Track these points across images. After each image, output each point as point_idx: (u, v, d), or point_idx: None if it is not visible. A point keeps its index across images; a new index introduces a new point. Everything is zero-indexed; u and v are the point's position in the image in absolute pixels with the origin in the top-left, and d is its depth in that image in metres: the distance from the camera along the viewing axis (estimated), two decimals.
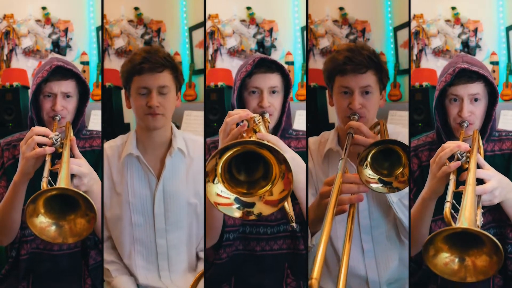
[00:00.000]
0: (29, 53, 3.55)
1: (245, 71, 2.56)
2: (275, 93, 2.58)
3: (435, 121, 2.51)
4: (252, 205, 2.09)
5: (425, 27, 3.50)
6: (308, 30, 3.23)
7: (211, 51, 3.53)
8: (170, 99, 2.64)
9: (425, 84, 3.29)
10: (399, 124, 3.03)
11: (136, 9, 3.41)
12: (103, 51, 3.29)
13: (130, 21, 3.41)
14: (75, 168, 2.37)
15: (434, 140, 2.56)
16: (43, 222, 2.25)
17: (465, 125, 2.43)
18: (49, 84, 2.57)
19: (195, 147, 2.75)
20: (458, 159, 2.23)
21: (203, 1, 2.78)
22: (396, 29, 3.29)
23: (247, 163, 2.10)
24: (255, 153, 2.05)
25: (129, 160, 2.72)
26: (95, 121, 3.00)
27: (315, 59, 3.31)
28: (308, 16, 3.02)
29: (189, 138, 2.77)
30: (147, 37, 3.44)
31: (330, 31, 3.38)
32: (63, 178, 2.25)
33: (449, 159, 2.26)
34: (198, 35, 3.40)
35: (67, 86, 2.59)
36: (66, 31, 3.47)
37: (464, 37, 3.55)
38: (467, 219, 1.90)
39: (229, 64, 3.51)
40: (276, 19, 3.53)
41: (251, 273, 2.63)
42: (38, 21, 3.51)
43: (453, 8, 3.52)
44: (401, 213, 2.51)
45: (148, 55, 2.61)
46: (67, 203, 2.25)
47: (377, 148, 2.30)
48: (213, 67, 3.52)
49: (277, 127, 2.60)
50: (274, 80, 2.58)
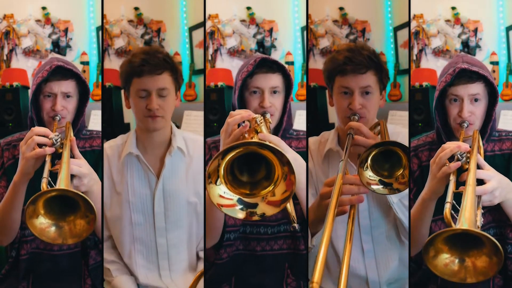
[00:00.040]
0: (29, 53, 3.54)
1: (247, 71, 2.56)
2: (276, 93, 2.58)
3: (435, 121, 2.50)
4: (255, 206, 2.08)
5: (425, 27, 3.49)
6: (308, 30, 3.23)
7: (211, 51, 3.53)
8: (169, 101, 2.63)
9: (425, 84, 3.29)
10: (399, 124, 3.03)
11: (136, 9, 3.40)
12: (103, 51, 3.28)
13: (130, 21, 3.41)
14: (75, 168, 2.37)
15: (434, 140, 2.56)
16: (43, 223, 2.25)
17: (465, 125, 2.43)
18: (49, 84, 2.57)
19: (194, 146, 2.74)
20: (458, 160, 2.23)
21: (203, 1, 2.78)
22: (396, 29, 3.29)
23: (249, 163, 2.10)
24: (258, 154, 2.05)
25: (129, 159, 2.72)
26: (95, 121, 2.99)
27: (315, 59, 3.31)
28: (308, 16, 3.01)
29: (189, 137, 2.76)
30: (147, 37, 3.44)
31: (330, 31, 3.38)
32: (63, 179, 2.24)
33: (449, 159, 2.26)
34: (198, 35, 3.40)
35: (67, 86, 2.59)
36: (66, 31, 3.46)
37: (464, 37, 3.55)
38: (467, 220, 1.90)
39: (229, 64, 3.50)
40: (276, 19, 3.52)
41: (252, 273, 2.63)
42: (38, 21, 3.50)
43: (453, 8, 3.52)
44: (401, 214, 2.51)
45: (147, 56, 2.60)
46: (67, 204, 2.25)
47: (378, 149, 2.30)
48: (213, 67, 3.52)
49: (278, 127, 2.60)
50: (275, 80, 2.58)
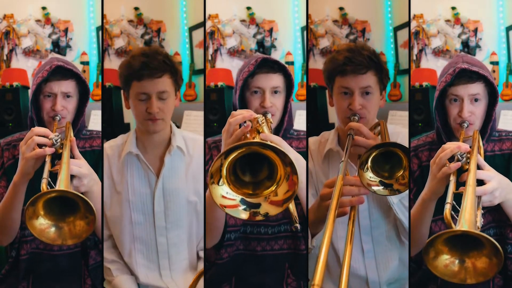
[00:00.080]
0: (29, 53, 3.54)
1: (248, 71, 2.56)
2: (277, 93, 2.58)
3: (435, 121, 2.50)
4: (258, 206, 2.08)
5: (425, 27, 3.50)
6: (308, 30, 3.23)
7: (211, 51, 3.53)
8: (170, 103, 2.63)
9: (425, 84, 3.29)
10: (399, 124, 3.03)
11: (136, 9, 3.40)
12: (103, 51, 3.29)
13: (130, 21, 3.41)
14: (75, 169, 2.37)
15: (434, 140, 2.56)
16: (42, 223, 2.24)
17: (465, 125, 2.42)
18: (49, 84, 2.57)
19: (194, 146, 2.74)
20: (458, 160, 2.23)
21: (203, 1, 2.78)
22: (396, 29, 3.29)
23: (251, 163, 2.09)
24: (260, 154, 2.05)
25: (129, 158, 2.72)
26: (95, 121, 3.00)
27: (315, 59, 3.31)
28: (308, 16, 3.01)
29: (189, 137, 2.76)
30: (147, 37, 3.44)
31: (330, 31, 3.38)
32: (63, 179, 2.24)
33: (449, 160, 2.26)
34: (198, 35, 3.40)
35: (67, 86, 2.58)
36: (66, 31, 3.46)
37: (464, 37, 3.55)
38: (467, 221, 1.90)
39: (229, 64, 3.50)
40: (276, 19, 3.52)
41: (252, 273, 2.62)
42: (38, 21, 3.50)
43: (453, 8, 3.52)
44: (402, 214, 2.51)
45: (146, 59, 2.58)
46: (67, 204, 2.24)
47: (378, 150, 2.30)
48: (213, 67, 3.52)
49: (279, 127, 2.59)
50: (276, 80, 2.57)
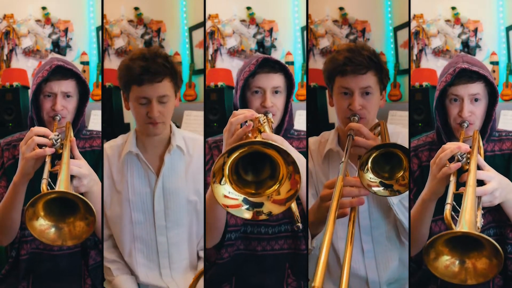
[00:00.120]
0: (29, 53, 3.54)
1: (248, 71, 2.55)
2: (278, 93, 2.57)
3: (436, 121, 2.50)
4: (260, 205, 2.08)
5: (425, 27, 3.50)
6: (308, 30, 3.23)
7: (211, 51, 3.53)
8: (170, 106, 2.63)
9: (425, 84, 3.29)
10: (399, 124, 3.02)
11: (136, 9, 3.40)
12: (103, 51, 3.29)
13: (130, 21, 3.41)
14: (75, 169, 2.37)
15: (434, 140, 2.56)
16: (42, 224, 2.24)
17: (465, 125, 2.42)
18: (49, 84, 2.57)
19: (194, 145, 2.74)
20: (458, 160, 2.23)
21: (203, 1, 2.78)
22: (396, 29, 3.29)
23: (253, 163, 2.09)
24: (262, 153, 2.05)
25: (129, 158, 2.72)
26: (95, 121, 3.00)
27: (315, 59, 3.30)
28: (308, 16, 3.01)
29: (188, 136, 2.76)
30: (147, 37, 3.44)
31: (330, 31, 3.38)
32: (63, 180, 2.24)
33: (450, 160, 2.26)
34: (198, 35, 3.40)
35: (67, 85, 2.58)
36: (66, 31, 3.46)
37: (464, 37, 3.55)
38: (467, 222, 1.90)
39: (229, 64, 3.50)
40: (276, 19, 3.52)
41: (252, 273, 2.62)
42: (38, 21, 3.50)
43: (453, 8, 3.52)
44: (402, 215, 2.51)
45: (146, 63, 2.56)
46: (67, 205, 2.24)
47: (378, 151, 2.30)
48: (213, 67, 3.52)
49: (279, 127, 2.59)
50: (277, 80, 2.57)
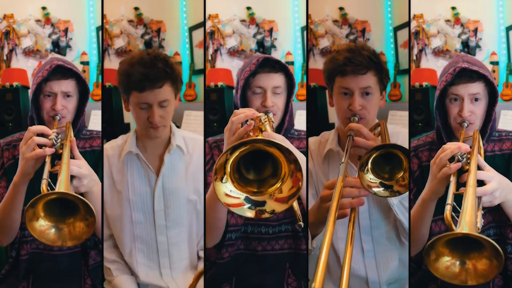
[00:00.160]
0: (29, 53, 3.54)
1: (249, 71, 2.55)
2: (278, 93, 2.58)
3: (436, 121, 2.50)
4: (263, 204, 2.07)
5: (425, 27, 3.50)
6: (308, 30, 3.23)
7: (211, 51, 3.53)
8: (170, 109, 2.62)
9: (425, 84, 3.29)
10: (399, 124, 3.03)
11: (136, 9, 3.40)
12: (103, 51, 3.29)
13: (130, 21, 3.41)
14: (75, 169, 2.36)
15: (434, 140, 2.56)
16: (42, 225, 2.24)
17: (466, 125, 2.42)
18: (49, 83, 2.57)
19: (194, 145, 2.75)
20: (458, 161, 2.23)
21: (203, 1, 2.78)
22: (396, 29, 3.29)
23: (255, 161, 2.09)
24: (263, 151, 2.04)
25: (129, 158, 2.72)
26: (95, 121, 3.00)
27: (315, 59, 3.30)
28: (308, 16, 3.01)
29: (188, 136, 2.77)
30: (147, 37, 3.44)
31: (330, 31, 3.38)
32: (63, 181, 2.23)
33: (450, 160, 2.26)
34: (198, 35, 3.40)
35: (67, 85, 2.58)
36: (66, 31, 3.46)
37: (464, 37, 3.55)
38: (467, 223, 1.90)
39: (229, 64, 3.50)
40: (276, 19, 3.52)
41: (252, 273, 2.62)
42: (38, 21, 3.50)
43: (453, 8, 3.52)
44: (402, 215, 2.51)
45: (146, 70, 2.56)
46: (67, 206, 2.24)
47: (378, 152, 2.30)
48: (213, 67, 3.52)
49: (280, 127, 2.59)
50: (277, 80, 2.57)
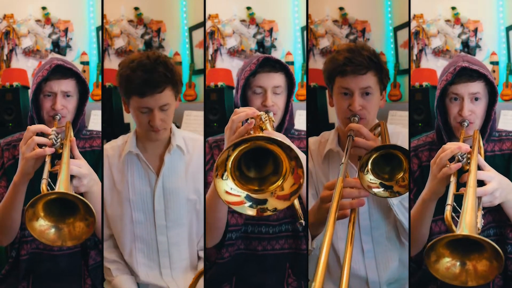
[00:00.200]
0: (29, 53, 3.54)
1: (249, 70, 2.56)
2: (278, 93, 2.58)
3: (437, 121, 2.50)
4: (264, 202, 2.07)
5: (425, 27, 3.50)
6: (308, 30, 3.23)
7: (211, 51, 3.53)
8: (171, 112, 2.63)
9: (425, 84, 3.29)
10: (399, 124, 3.03)
11: (136, 9, 3.40)
12: (103, 51, 3.29)
13: (130, 21, 3.41)
14: (75, 169, 2.36)
15: (434, 140, 2.56)
16: (42, 225, 2.24)
17: (466, 124, 2.42)
18: (49, 83, 2.57)
19: (194, 145, 2.75)
20: (458, 161, 2.22)
21: (203, 1, 2.78)
22: (396, 29, 3.29)
23: (255, 159, 2.09)
24: (264, 149, 2.04)
25: (129, 158, 2.72)
26: (95, 121, 3.00)
27: (315, 59, 3.30)
28: (308, 16, 3.01)
29: (188, 136, 2.77)
30: (147, 37, 3.44)
31: (330, 31, 3.38)
32: (63, 180, 2.23)
33: (450, 160, 2.25)
34: (198, 35, 3.40)
35: (67, 85, 2.58)
36: (66, 31, 3.46)
37: (464, 37, 3.55)
38: (467, 224, 1.90)
39: (229, 64, 3.50)
40: (276, 19, 3.52)
41: (253, 272, 2.62)
42: (38, 21, 3.50)
43: (453, 8, 3.52)
44: (402, 215, 2.50)
45: (147, 75, 2.55)
46: (67, 206, 2.24)
47: (378, 153, 2.29)
48: (213, 67, 3.52)
49: (280, 127, 2.59)
50: (278, 79, 2.58)
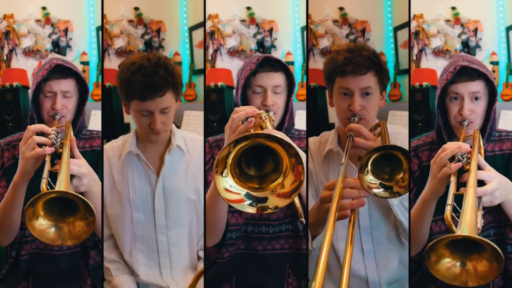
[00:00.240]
0: (29, 53, 3.54)
1: (249, 70, 2.56)
2: (278, 92, 2.58)
3: (437, 120, 2.50)
4: (264, 200, 2.07)
5: (425, 27, 3.50)
6: (308, 30, 3.23)
7: (211, 51, 3.53)
8: (172, 114, 2.62)
9: (425, 84, 3.29)
10: (399, 124, 3.03)
11: (136, 9, 3.41)
12: (103, 51, 3.29)
13: (130, 21, 3.41)
14: (75, 168, 2.36)
15: (434, 140, 2.56)
16: (42, 224, 2.24)
17: (466, 123, 2.42)
18: (49, 83, 2.57)
19: (194, 145, 2.75)
20: (459, 160, 2.22)
21: (203, 1, 2.78)
22: (396, 29, 3.29)
23: (256, 158, 2.09)
24: (264, 147, 2.04)
25: (129, 158, 2.72)
26: (95, 121, 3.00)
27: (315, 59, 3.31)
28: (308, 16, 3.01)
29: (188, 136, 2.77)
30: (147, 37, 3.44)
31: (330, 31, 3.38)
32: (63, 180, 2.23)
33: (450, 160, 2.25)
34: (198, 35, 3.40)
35: (67, 85, 2.58)
36: (66, 31, 3.46)
37: (464, 37, 3.55)
38: (468, 225, 1.89)
39: (229, 64, 3.51)
40: (276, 19, 3.52)
41: (253, 272, 2.62)
42: (38, 21, 3.50)
43: (453, 8, 3.52)
44: (402, 215, 2.50)
45: (147, 79, 2.54)
46: (67, 205, 2.24)
47: (378, 153, 2.29)
48: (213, 67, 3.52)
49: (280, 126, 2.59)
50: (278, 79, 2.58)
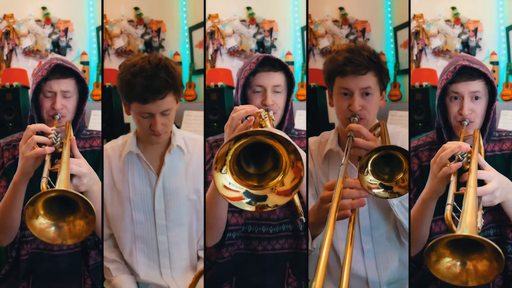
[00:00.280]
0: (29, 53, 3.54)
1: (249, 69, 2.56)
2: (278, 91, 2.58)
3: (438, 120, 2.50)
4: (264, 198, 2.06)
5: (425, 27, 3.50)
6: (308, 30, 3.23)
7: (211, 51, 3.53)
8: (172, 115, 2.62)
9: (425, 84, 3.29)
10: (399, 124, 3.03)
11: (136, 9, 3.41)
12: (103, 51, 3.29)
13: (130, 21, 3.42)
14: (75, 168, 2.36)
15: (434, 140, 2.56)
16: (42, 223, 2.24)
17: (466, 123, 2.42)
18: (49, 82, 2.57)
19: (194, 145, 2.75)
20: (459, 160, 2.22)
21: (203, 1, 2.78)
22: (396, 29, 3.29)
23: (255, 156, 2.08)
24: (263, 145, 2.04)
25: (129, 158, 2.72)
26: (95, 121, 3.00)
27: (315, 59, 3.31)
28: (308, 16, 3.01)
29: (188, 136, 2.77)
30: (147, 37, 3.44)
31: (330, 31, 3.38)
32: (63, 179, 2.23)
33: (450, 159, 2.25)
34: (198, 35, 3.41)
35: (67, 84, 2.58)
36: (66, 31, 3.46)
37: (464, 37, 3.55)
38: (468, 225, 1.89)
39: (229, 64, 3.51)
40: (276, 19, 3.53)
41: (253, 272, 2.62)
42: (38, 21, 3.50)
43: (453, 8, 3.52)
44: (402, 215, 2.50)
45: (148, 82, 2.53)
46: (67, 204, 2.24)
47: (378, 153, 2.29)
48: (213, 67, 3.52)
49: (280, 126, 2.59)
50: (277, 78, 2.58)
